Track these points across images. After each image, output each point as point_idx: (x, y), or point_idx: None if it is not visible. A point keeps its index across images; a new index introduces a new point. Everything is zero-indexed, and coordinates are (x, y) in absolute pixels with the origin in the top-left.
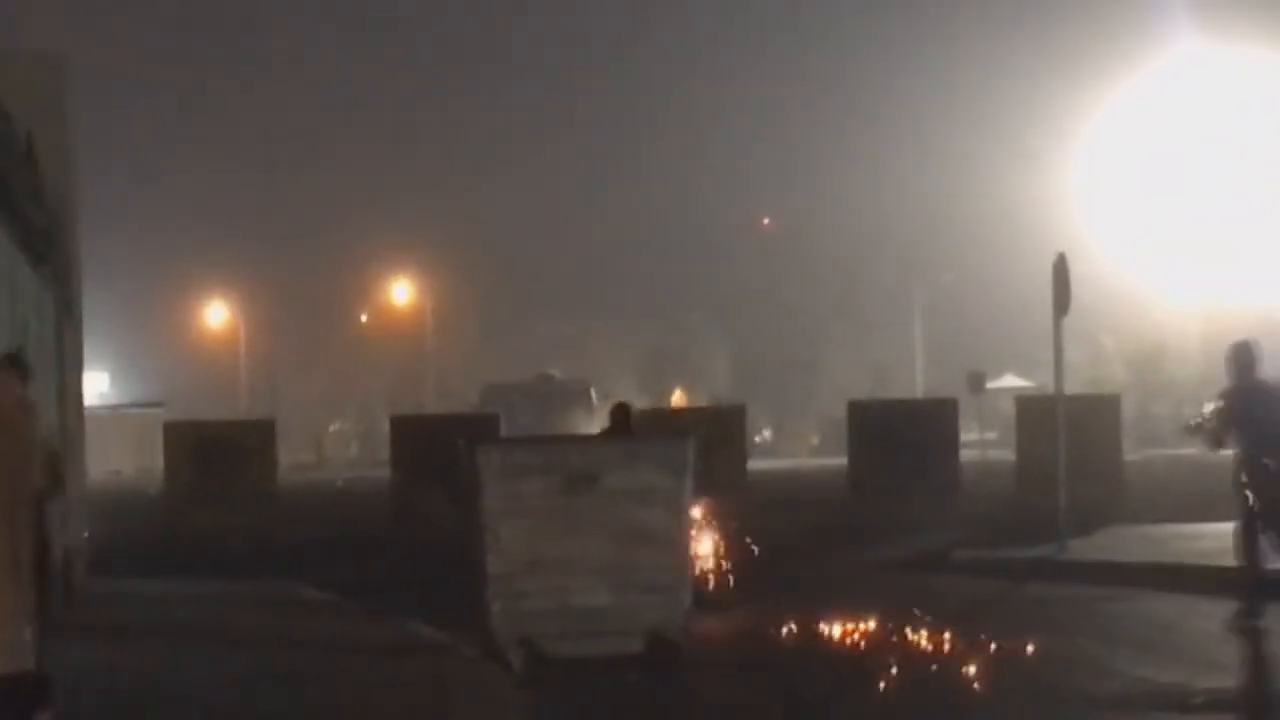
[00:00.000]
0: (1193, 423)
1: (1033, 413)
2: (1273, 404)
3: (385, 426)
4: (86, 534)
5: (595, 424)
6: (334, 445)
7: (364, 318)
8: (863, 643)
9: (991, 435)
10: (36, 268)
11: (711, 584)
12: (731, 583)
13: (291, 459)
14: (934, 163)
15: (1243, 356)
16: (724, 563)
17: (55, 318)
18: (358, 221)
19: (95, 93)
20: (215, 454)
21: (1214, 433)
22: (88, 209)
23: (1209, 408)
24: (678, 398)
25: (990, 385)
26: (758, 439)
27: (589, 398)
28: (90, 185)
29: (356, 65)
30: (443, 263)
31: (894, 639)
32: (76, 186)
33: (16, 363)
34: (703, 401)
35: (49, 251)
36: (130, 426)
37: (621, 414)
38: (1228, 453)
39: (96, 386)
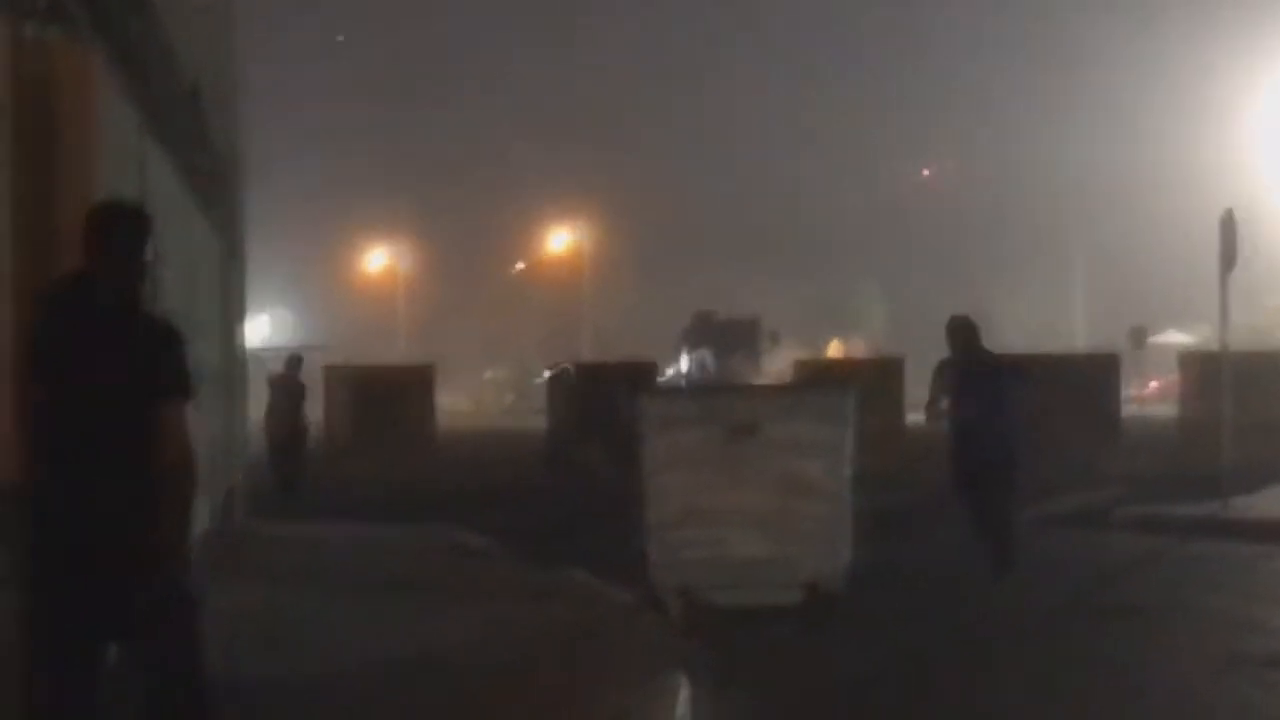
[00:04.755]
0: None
1: (1196, 369)
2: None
3: (540, 375)
4: (246, 476)
5: (766, 363)
6: (489, 393)
7: (520, 265)
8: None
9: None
10: (205, 212)
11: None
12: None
13: (447, 407)
14: (1102, 115)
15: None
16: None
17: (221, 262)
18: (518, 167)
19: (258, 37)
20: (375, 397)
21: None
22: (251, 153)
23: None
24: (834, 348)
25: (1152, 340)
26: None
27: (755, 335)
28: (254, 129)
29: (525, 8)
30: (601, 211)
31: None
32: (242, 132)
33: None
34: (859, 353)
35: (217, 197)
36: None
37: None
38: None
39: (258, 330)
